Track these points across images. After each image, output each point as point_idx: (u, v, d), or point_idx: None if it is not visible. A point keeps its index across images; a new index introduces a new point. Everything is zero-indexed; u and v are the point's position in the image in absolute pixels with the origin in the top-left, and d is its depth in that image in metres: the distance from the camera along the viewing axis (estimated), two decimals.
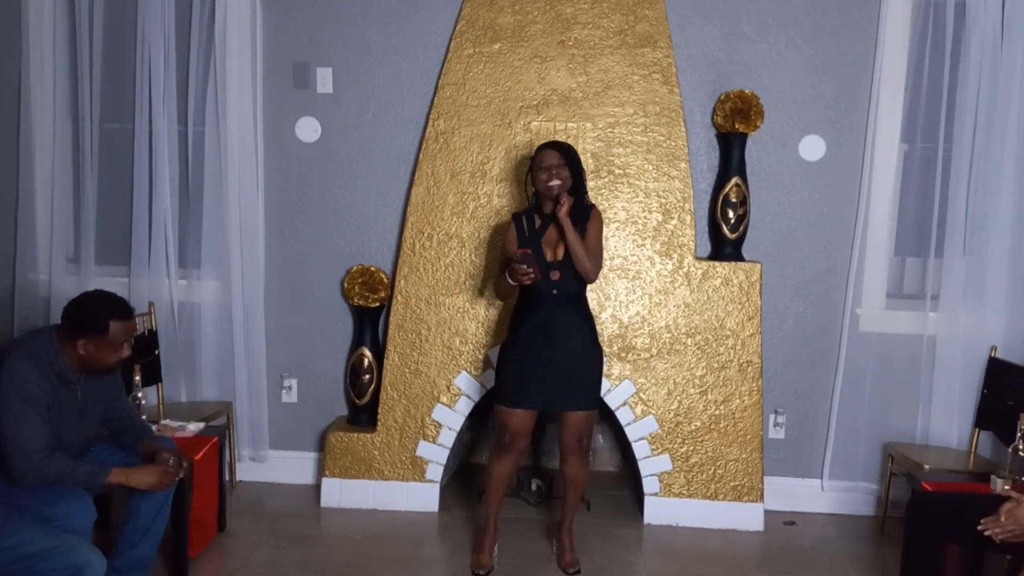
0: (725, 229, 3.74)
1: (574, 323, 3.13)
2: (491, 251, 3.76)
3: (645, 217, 3.74)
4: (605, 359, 3.71)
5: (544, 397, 3.13)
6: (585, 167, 3.71)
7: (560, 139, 3.72)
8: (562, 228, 3.06)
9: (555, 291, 3.10)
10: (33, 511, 2.46)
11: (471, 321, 3.78)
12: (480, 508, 3.51)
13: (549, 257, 3.11)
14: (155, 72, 3.87)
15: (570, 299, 3.14)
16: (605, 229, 3.72)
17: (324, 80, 3.93)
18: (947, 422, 3.78)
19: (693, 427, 3.74)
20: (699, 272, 3.73)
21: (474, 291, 3.77)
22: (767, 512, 3.78)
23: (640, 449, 3.76)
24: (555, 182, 3.07)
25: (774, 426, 3.96)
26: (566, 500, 3.33)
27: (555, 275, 3.09)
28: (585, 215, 3.16)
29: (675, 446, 3.75)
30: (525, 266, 2.97)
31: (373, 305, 3.87)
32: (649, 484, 3.77)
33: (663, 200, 3.74)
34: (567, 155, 3.11)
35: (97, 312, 2.59)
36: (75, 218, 4.05)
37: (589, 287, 3.66)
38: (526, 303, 3.15)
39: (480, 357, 3.77)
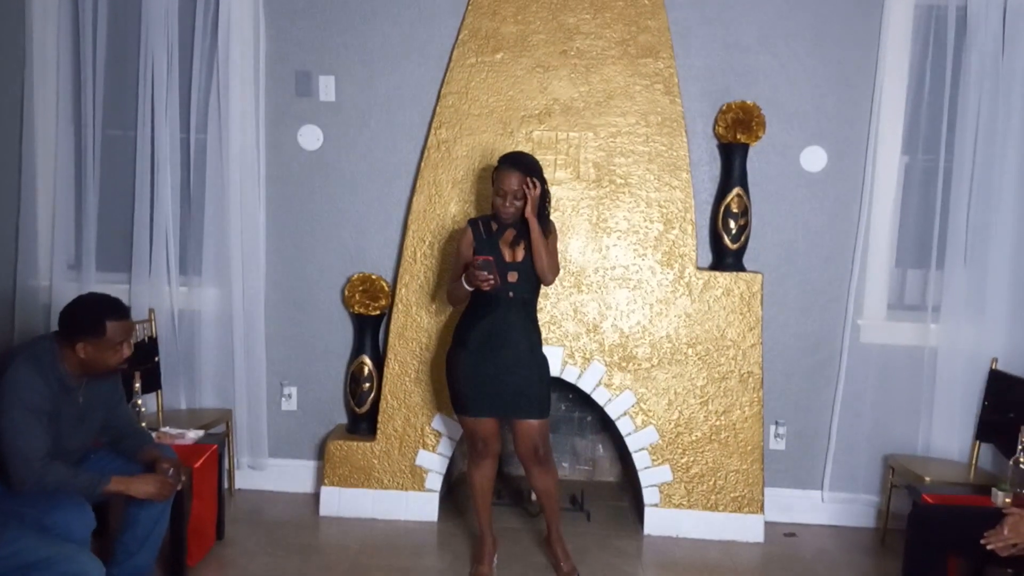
0: (726, 239, 3.74)
1: (523, 329, 3.15)
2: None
3: (646, 227, 3.74)
4: (606, 368, 3.72)
5: (497, 405, 3.15)
6: (586, 176, 3.74)
7: (563, 148, 3.74)
8: (526, 229, 3.08)
9: (511, 293, 3.11)
10: (32, 519, 2.45)
11: None
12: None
13: (508, 258, 3.12)
14: (158, 79, 3.88)
15: (523, 304, 3.16)
16: (607, 238, 3.74)
17: (327, 88, 3.94)
18: (948, 434, 3.78)
19: (694, 438, 3.73)
20: (700, 282, 3.73)
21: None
22: (767, 523, 3.77)
23: (640, 459, 3.75)
24: (508, 212, 3.08)
25: (775, 437, 3.96)
26: (545, 512, 3.32)
27: (513, 276, 3.10)
28: (544, 227, 3.15)
29: (676, 457, 3.74)
30: (486, 272, 2.98)
31: (374, 313, 3.87)
32: (649, 495, 3.76)
33: (664, 210, 3.74)
34: (529, 174, 3.08)
35: (93, 313, 2.59)
36: (76, 225, 4.05)
37: (587, 298, 3.66)
38: (479, 306, 3.15)
39: None
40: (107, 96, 3.97)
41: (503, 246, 3.13)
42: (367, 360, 3.89)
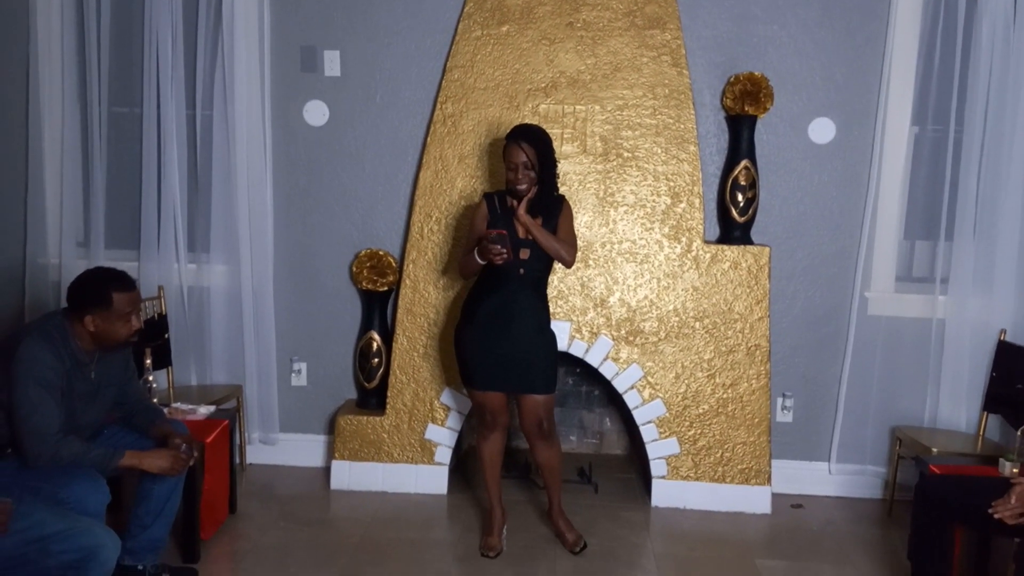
0: (734, 212, 3.73)
1: (531, 306, 3.16)
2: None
3: (654, 200, 3.73)
4: (613, 343, 3.73)
5: (504, 380, 3.17)
6: (593, 150, 3.72)
7: (569, 121, 3.73)
8: (541, 204, 3.11)
9: (522, 270, 3.12)
10: (47, 493, 2.48)
11: None
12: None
13: (521, 234, 3.12)
14: (163, 56, 3.86)
15: (533, 282, 3.17)
16: (614, 212, 3.73)
17: (332, 63, 3.92)
18: (955, 405, 3.78)
19: (701, 410, 3.74)
20: (708, 256, 3.72)
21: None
22: (774, 495, 3.79)
23: (648, 432, 3.77)
24: (522, 185, 3.08)
25: (782, 409, 3.97)
26: (547, 485, 3.37)
27: (525, 253, 3.11)
28: (555, 207, 3.17)
29: (683, 429, 3.76)
30: (499, 246, 2.98)
31: (382, 289, 3.88)
32: (657, 467, 3.78)
33: (672, 183, 3.72)
34: (537, 148, 3.09)
35: (98, 286, 2.62)
36: (84, 202, 4.06)
37: (594, 272, 3.67)
38: (489, 281, 3.17)
39: None
40: (112, 73, 3.97)
41: (516, 223, 3.13)
42: (376, 336, 3.91)
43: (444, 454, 3.86)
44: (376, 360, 3.90)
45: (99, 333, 2.63)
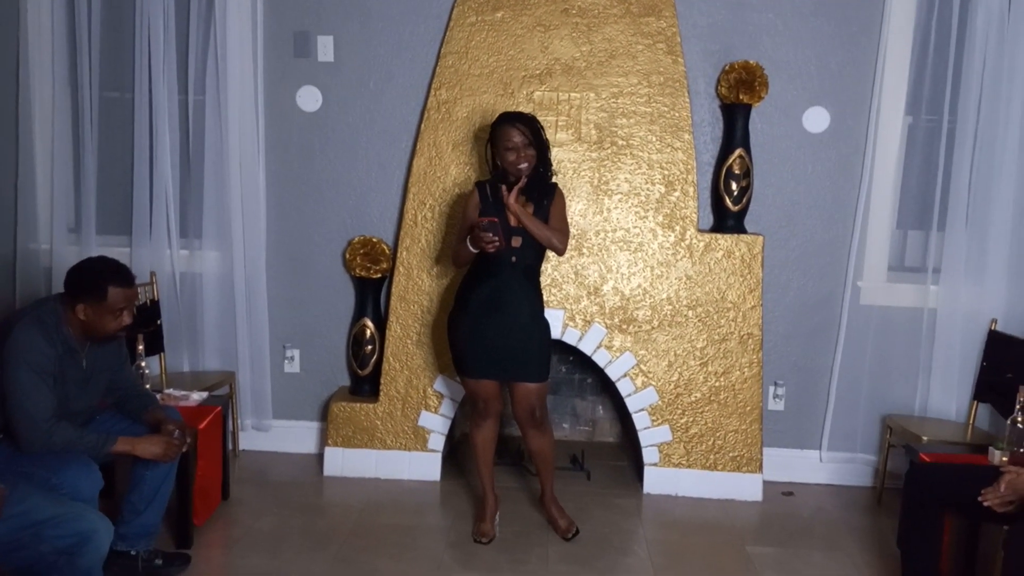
0: (728, 201, 3.73)
1: (524, 294, 3.15)
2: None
3: (648, 189, 3.73)
4: (606, 330, 3.73)
5: (497, 368, 3.17)
6: (587, 138, 3.72)
7: (564, 109, 3.72)
8: (534, 190, 3.10)
9: (514, 258, 3.11)
10: (40, 479, 2.48)
11: None
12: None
13: (513, 222, 3.10)
14: (155, 41, 3.83)
15: (526, 270, 3.17)
16: (608, 200, 3.73)
17: (325, 49, 3.90)
18: (946, 394, 3.81)
19: (693, 398, 3.76)
20: (701, 244, 3.73)
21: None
22: (766, 483, 3.82)
23: (640, 420, 3.78)
24: (523, 164, 3.08)
25: (774, 398, 3.99)
26: (539, 472, 3.37)
27: (516, 241, 3.10)
28: (548, 193, 3.17)
29: (675, 417, 3.77)
30: (491, 234, 2.97)
31: (375, 276, 3.87)
32: (649, 454, 3.80)
33: (666, 172, 3.72)
34: (532, 130, 3.09)
35: (96, 277, 2.60)
36: (76, 188, 4.03)
37: (588, 260, 3.66)
38: (481, 269, 3.16)
39: None
40: (104, 58, 3.93)
41: (508, 211, 3.12)
42: (369, 323, 3.91)
43: (437, 441, 3.86)
44: (369, 347, 3.90)
45: (88, 323, 2.62)
